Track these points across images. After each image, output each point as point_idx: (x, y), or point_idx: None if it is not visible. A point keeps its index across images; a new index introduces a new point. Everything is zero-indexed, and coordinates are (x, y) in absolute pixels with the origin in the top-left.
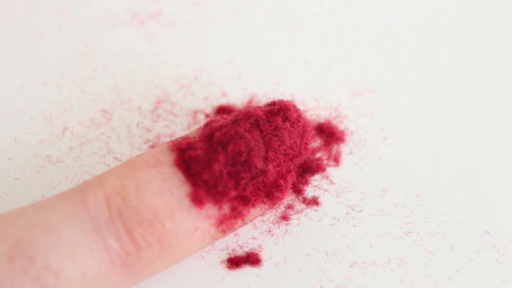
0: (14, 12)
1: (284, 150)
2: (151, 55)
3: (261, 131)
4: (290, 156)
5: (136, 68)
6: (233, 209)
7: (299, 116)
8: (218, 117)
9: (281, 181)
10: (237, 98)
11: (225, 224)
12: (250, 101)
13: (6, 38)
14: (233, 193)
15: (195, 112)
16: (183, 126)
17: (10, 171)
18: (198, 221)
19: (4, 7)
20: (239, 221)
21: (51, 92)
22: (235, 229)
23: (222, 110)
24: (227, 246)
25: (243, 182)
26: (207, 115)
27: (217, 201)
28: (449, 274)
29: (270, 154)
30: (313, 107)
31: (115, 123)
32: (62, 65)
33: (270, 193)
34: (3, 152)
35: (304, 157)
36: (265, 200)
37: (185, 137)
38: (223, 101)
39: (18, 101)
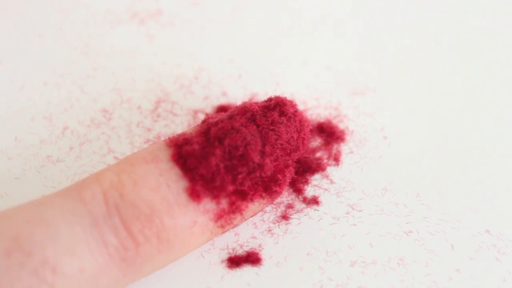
0: (14, 12)
1: (281, 144)
2: (151, 54)
3: (258, 126)
4: (288, 151)
5: (136, 68)
6: (231, 203)
7: (296, 111)
8: (215, 114)
9: (279, 175)
10: (237, 98)
11: (224, 219)
12: (250, 100)
13: (6, 38)
14: (230, 188)
15: (196, 112)
16: (184, 126)
17: (10, 171)
18: (196, 215)
19: (4, 7)
20: (238, 216)
21: (51, 92)
22: (234, 225)
23: (222, 109)
24: (227, 246)
25: (240, 176)
26: (207, 115)
27: (215, 196)
28: (449, 273)
29: (267, 148)
30: (313, 106)
31: (115, 122)
32: (62, 65)
33: (268, 187)
34: (3, 152)
35: (302, 151)
36: (263, 194)
37: (182, 134)
38: (223, 101)
39: (18, 101)
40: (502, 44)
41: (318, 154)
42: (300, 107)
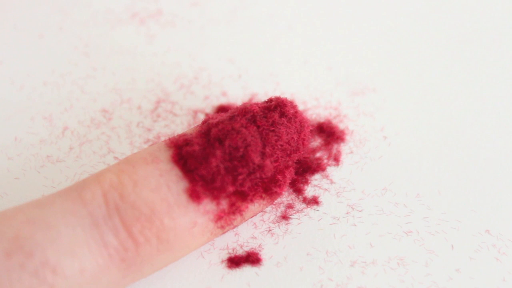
0: (14, 12)
1: (282, 145)
2: (151, 54)
3: (258, 127)
4: (288, 152)
5: (136, 68)
6: (231, 204)
7: (296, 112)
8: (215, 115)
9: (279, 176)
10: (237, 98)
11: (224, 220)
12: (250, 101)
13: (6, 38)
14: (230, 189)
15: (195, 112)
16: (183, 126)
17: (10, 171)
18: (196, 216)
19: (4, 7)
20: (238, 217)
21: (51, 92)
22: (234, 226)
23: (222, 109)
24: (227, 246)
25: (240, 177)
26: (207, 115)
27: (215, 197)
28: (449, 273)
29: (267, 149)
30: (313, 106)
31: (115, 122)
32: (62, 65)
33: (268, 188)
34: (3, 152)
35: (302, 152)
36: (263, 195)
37: (183, 135)
38: (223, 101)
39: (18, 101)
40: (502, 44)
41: (318, 154)
42: (300, 107)
